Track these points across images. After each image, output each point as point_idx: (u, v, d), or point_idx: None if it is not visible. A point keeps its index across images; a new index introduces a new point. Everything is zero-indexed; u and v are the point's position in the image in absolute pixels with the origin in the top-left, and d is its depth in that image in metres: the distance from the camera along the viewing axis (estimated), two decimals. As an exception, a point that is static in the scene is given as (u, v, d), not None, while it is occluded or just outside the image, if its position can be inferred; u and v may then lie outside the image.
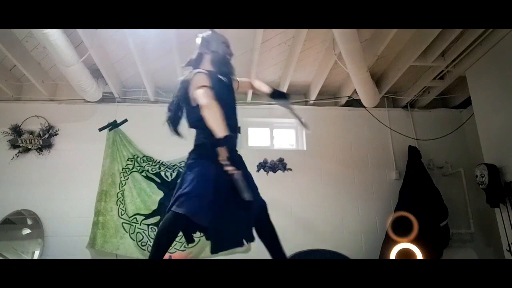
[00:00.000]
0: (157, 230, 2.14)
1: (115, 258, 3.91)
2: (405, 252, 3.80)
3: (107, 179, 4.11)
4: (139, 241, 3.95)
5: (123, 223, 3.99)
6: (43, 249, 3.90)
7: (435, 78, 4.37)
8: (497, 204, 3.60)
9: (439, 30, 3.48)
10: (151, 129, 4.44)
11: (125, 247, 3.91)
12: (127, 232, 3.97)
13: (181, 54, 3.80)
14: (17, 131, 4.26)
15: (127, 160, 4.24)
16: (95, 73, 4.08)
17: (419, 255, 3.76)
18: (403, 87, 4.75)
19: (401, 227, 3.94)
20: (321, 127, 4.73)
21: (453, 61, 4.03)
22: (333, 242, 4.04)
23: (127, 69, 4.32)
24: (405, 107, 4.96)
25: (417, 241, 3.81)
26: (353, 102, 4.72)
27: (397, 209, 4.22)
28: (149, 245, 3.95)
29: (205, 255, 3.90)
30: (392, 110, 4.91)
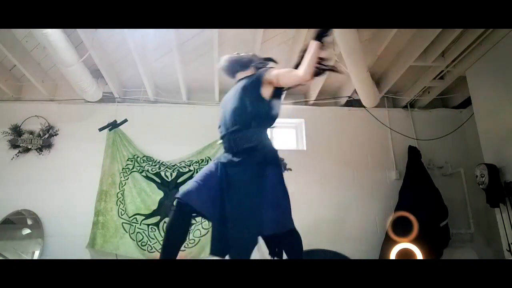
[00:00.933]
0: None
1: (115, 258, 3.91)
2: (405, 252, 3.79)
3: (107, 179, 4.11)
4: (139, 241, 3.95)
5: (123, 223, 3.99)
6: (43, 249, 3.90)
7: (435, 78, 4.37)
8: (497, 204, 3.60)
9: (439, 30, 3.47)
10: (151, 129, 4.46)
11: (125, 247, 3.91)
12: (127, 232, 3.96)
13: (181, 54, 3.81)
14: (17, 131, 4.26)
15: (127, 160, 4.24)
16: (95, 73, 4.08)
17: (419, 255, 3.75)
18: (403, 87, 4.75)
19: (401, 227, 3.94)
20: (321, 127, 4.73)
21: (453, 61, 4.02)
22: (333, 242, 4.03)
23: (127, 69, 4.32)
24: (405, 107, 4.96)
25: (417, 241, 3.81)
26: (353, 102, 4.72)
27: (397, 209, 4.21)
28: (149, 245, 3.95)
29: (205, 255, 3.90)
30: (392, 110, 4.91)
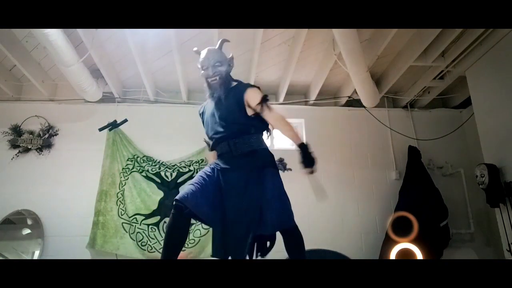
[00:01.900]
0: None
1: (115, 258, 3.91)
2: (405, 252, 3.79)
3: (107, 179, 4.11)
4: (139, 241, 3.95)
5: (123, 223, 3.99)
6: (43, 249, 3.90)
7: (435, 78, 4.37)
8: (497, 204, 3.60)
9: (439, 30, 3.47)
10: (151, 129, 4.46)
11: (125, 247, 3.91)
12: (127, 232, 3.96)
13: (181, 54, 3.81)
14: (17, 131, 4.26)
15: (127, 160, 4.24)
16: (95, 73, 4.07)
17: (419, 255, 3.76)
18: (403, 87, 4.75)
19: (401, 227, 3.94)
20: (321, 127, 4.73)
21: (453, 61, 4.03)
22: (333, 242, 4.04)
23: (127, 69, 4.32)
24: (405, 107, 4.95)
25: (417, 241, 3.81)
26: (353, 102, 4.72)
27: (397, 209, 4.21)
28: (149, 245, 3.95)
29: (205, 255, 3.90)
30: (392, 110, 4.91)
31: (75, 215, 4.00)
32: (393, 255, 3.83)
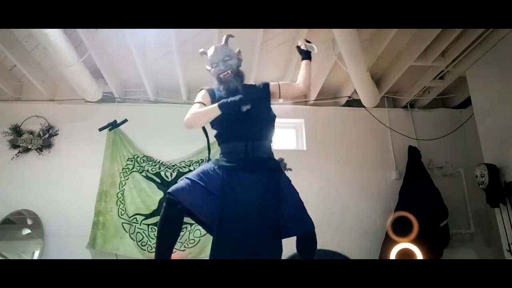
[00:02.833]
0: None
1: (115, 258, 3.91)
2: (405, 252, 3.79)
3: (107, 179, 4.11)
4: (139, 241, 3.95)
5: (123, 223, 3.99)
6: (43, 249, 3.90)
7: (435, 78, 4.37)
8: (497, 204, 3.59)
9: (439, 30, 3.47)
10: (151, 129, 4.46)
11: (125, 247, 3.91)
12: (127, 232, 3.96)
13: (181, 54, 3.81)
14: (17, 131, 4.26)
15: (127, 160, 4.24)
16: (95, 73, 4.07)
17: (419, 255, 3.75)
18: (403, 87, 4.75)
19: (401, 227, 3.94)
20: (321, 127, 4.73)
21: (453, 61, 4.02)
22: (333, 242, 4.03)
23: (127, 69, 4.32)
24: (405, 107, 4.95)
25: (417, 241, 3.81)
26: (353, 102, 4.72)
27: (397, 209, 4.21)
28: (149, 245, 3.94)
29: (205, 255, 3.90)
30: (392, 110, 4.91)
31: (75, 215, 4.00)
32: (393, 255, 3.83)
